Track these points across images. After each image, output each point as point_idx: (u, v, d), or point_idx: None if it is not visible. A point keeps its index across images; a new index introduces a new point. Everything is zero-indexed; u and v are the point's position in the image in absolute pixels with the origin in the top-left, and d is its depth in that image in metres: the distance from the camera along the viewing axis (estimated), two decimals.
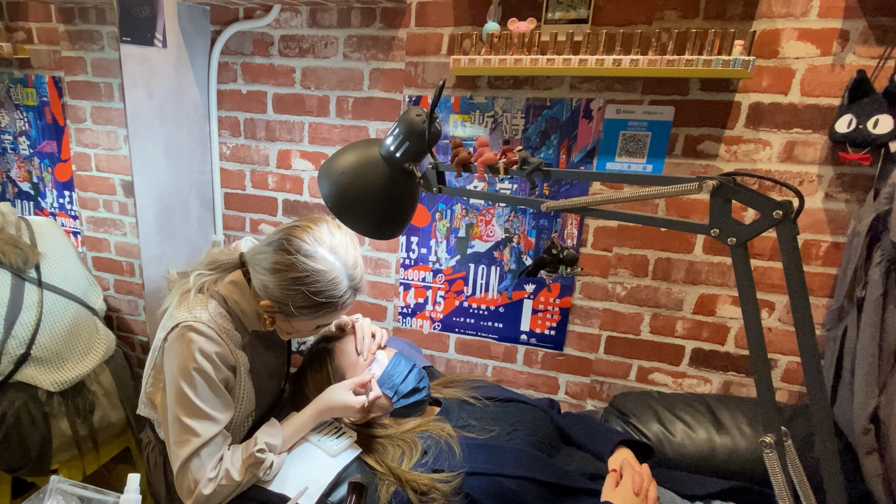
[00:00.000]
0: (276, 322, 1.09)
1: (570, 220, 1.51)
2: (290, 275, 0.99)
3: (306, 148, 1.71)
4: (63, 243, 1.66)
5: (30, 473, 1.55)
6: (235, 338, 1.08)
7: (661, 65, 1.19)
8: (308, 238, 1.01)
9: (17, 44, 1.92)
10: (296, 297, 1.00)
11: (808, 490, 0.65)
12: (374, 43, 1.55)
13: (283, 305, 1.02)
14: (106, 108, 1.90)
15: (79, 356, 1.56)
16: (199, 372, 1.00)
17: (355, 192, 0.87)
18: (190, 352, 0.99)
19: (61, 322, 1.53)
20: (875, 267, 1.13)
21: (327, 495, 1.03)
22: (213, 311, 1.05)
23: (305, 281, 0.99)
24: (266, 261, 1.02)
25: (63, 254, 1.63)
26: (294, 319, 1.05)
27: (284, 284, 1.00)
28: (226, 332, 1.05)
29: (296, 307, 1.01)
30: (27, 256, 1.49)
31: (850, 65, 1.22)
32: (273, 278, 1.01)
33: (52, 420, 1.50)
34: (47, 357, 1.49)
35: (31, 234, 1.57)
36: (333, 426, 1.16)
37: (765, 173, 1.34)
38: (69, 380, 1.52)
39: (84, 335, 1.60)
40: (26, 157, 2.05)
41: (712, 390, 1.51)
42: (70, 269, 1.63)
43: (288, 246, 1.00)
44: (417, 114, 0.83)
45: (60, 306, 1.54)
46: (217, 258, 1.15)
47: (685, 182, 0.63)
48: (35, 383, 1.46)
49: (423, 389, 1.21)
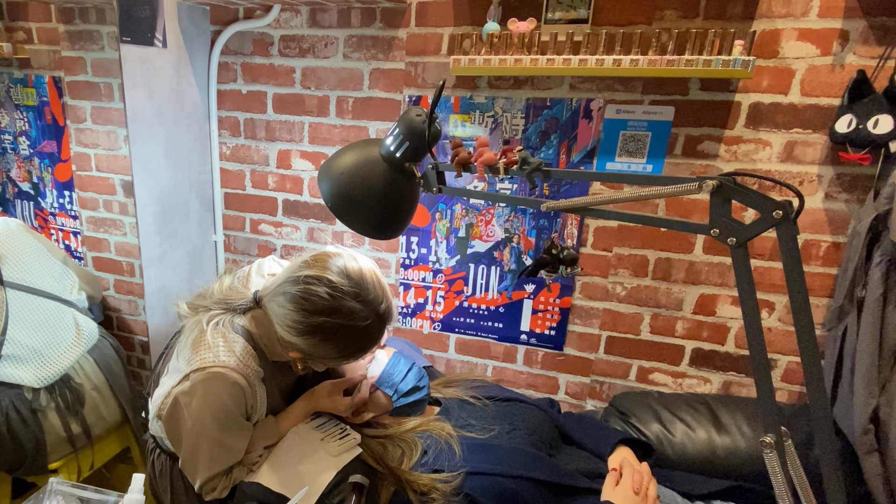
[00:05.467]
0: (308, 363, 1.07)
1: (570, 220, 1.51)
2: (316, 337, 0.96)
3: (306, 148, 1.71)
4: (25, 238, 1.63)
5: (28, 472, 1.55)
6: (259, 374, 1.05)
7: (661, 65, 1.19)
8: (326, 292, 0.94)
9: (17, 44, 1.92)
10: (327, 350, 0.99)
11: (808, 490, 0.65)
12: (374, 43, 1.55)
13: (315, 359, 1.02)
14: (106, 108, 1.90)
15: (58, 350, 1.55)
16: (225, 413, 0.99)
17: (355, 192, 0.87)
18: (219, 399, 0.97)
19: (31, 318, 1.52)
20: (875, 267, 1.13)
21: (327, 495, 1.03)
22: (241, 351, 1.01)
23: (334, 338, 0.97)
24: (287, 318, 0.97)
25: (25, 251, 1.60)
26: (326, 361, 1.05)
27: (313, 343, 0.97)
28: (254, 373, 1.03)
29: (328, 359, 1.01)
30: None
31: (850, 65, 1.22)
32: (299, 339, 0.97)
33: (41, 416, 1.50)
34: (24, 354, 1.48)
35: None
36: (338, 427, 1.16)
37: (765, 173, 1.34)
38: (52, 374, 1.51)
39: (60, 329, 1.58)
40: (26, 157, 2.05)
41: (712, 390, 1.51)
42: (35, 264, 1.60)
43: (309, 307, 0.95)
44: (417, 114, 0.83)
45: (28, 303, 1.53)
46: (229, 297, 1.09)
47: (685, 182, 0.63)
48: (18, 381, 1.46)
49: (422, 388, 1.21)
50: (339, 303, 0.95)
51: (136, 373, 2.13)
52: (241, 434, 1.05)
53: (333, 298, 0.94)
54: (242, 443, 1.05)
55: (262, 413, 1.11)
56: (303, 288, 0.96)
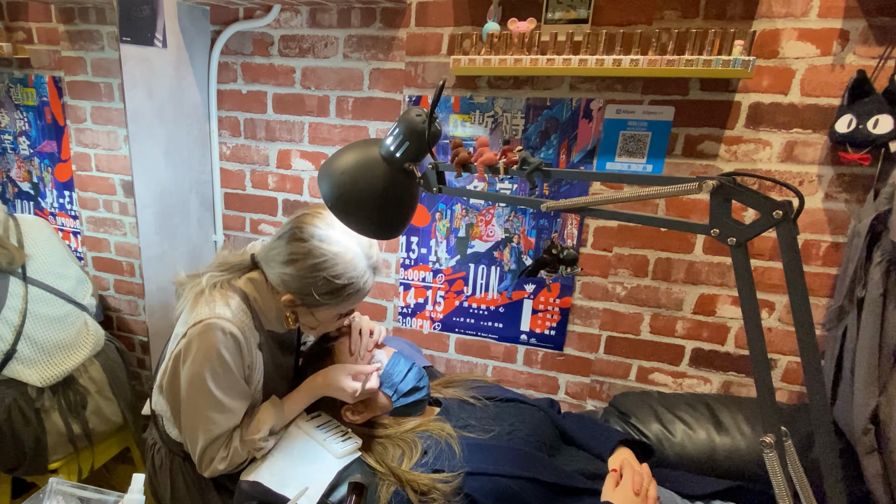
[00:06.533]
0: (300, 317, 1.09)
1: (570, 220, 1.51)
2: (308, 262, 0.99)
3: (306, 148, 1.71)
4: (52, 241, 1.66)
5: (27, 472, 1.55)
6: (255, 336, 1.08)
7: (661, 65, 1.19)
8: (320, 223, 1.01)
9: (17, 44, 1.92)
10: (317, 283, 1.00)
11: (808, 490, 0.65)
12: (374, 43, 1.55)
13: (305, 296, 1.02)
14: (106, 108, 1.90)
15: (66, 351, 1.56)
16: (223, 367, 1.00)
17: (355, 192, 0.87)
18: (214, 348, 0.99)
19: (47, 318, 1.54)
20: (875, 267, 1.13)
21: (327, 495, 1.03)
22: (236, 307, 1.04)
23: (324, 265, 0.99)
24: (281, 254, 1.02)
25: (51, 251, 1.63)
26: (317, 310, 1.05)
27: (304, 273, 1.00)
28: (249, 329, 1.06)
29: (319, 294, 1.00)
30: (12, 257, 1.49)
31: (850, 65, 1.22)
32: (291, 269, 1.01)
33: (44, 416, 1.51)
34: (34, 353, 1.49)
35: (19, 232, 1.57)
36: (340, 429, 1.16)
37: (765, 173, 1.34)
38: (56, 375, 1.52)
39: (72, 331, 1.60)
40: (26, 157, 2.05)
41: (712, 390, 1.51)
42: (58, 266, 1.63)
43: (301, 234, 1.00)
44: (417, 114, 0.83)
45: (46, 302, 1.55)
46: (228, 260, 1.14)
47: (685, 182, 0.63)
48: (22, 379, 1.47)
49: (422, 388, 1.21)
50: (329, 232, 1.01)
51: (136, 373, 2.13)
52: (239, 393, 1.05)
53: (325, 227, 1.01)
54: (240, 405, 1.05)
55: (259, 381, 1.11)
56: (297, 221, 1.03)
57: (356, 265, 1.02)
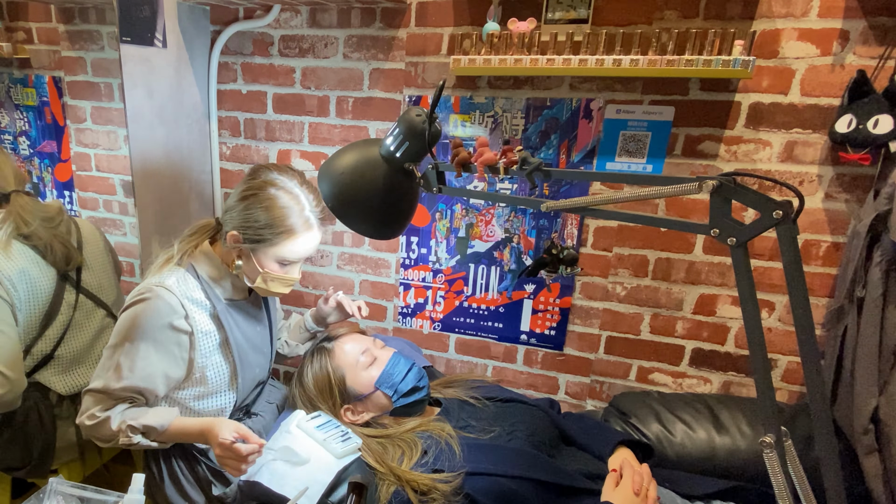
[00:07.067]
0: (244, 264, 1.11)
1: (570, 220, 1.51)
2: (253, 195, 1.06)
3: (306, 148, 1.71)
4: (104, 251, 1.64)
5: (28, 475, 1.55)
6: (205, 306, 1.12)
7: (661, 65, 1.19)
8: (275, 170, 1.10)
9: (17, 44, 1.92)
10: (258, 216, 1.04)
11: (808, 490, 0.65)
12: (374, 43, 1.55)
13: (246, 229, 1.06)
14: (106, 108, 1.90)
15: (94, 362, 1.55)
16: (142, 330, 1.05)
17: (355, 192, 0.87)
18: (146, 308, 1.05)
19: (88, 328, 1.52)
20: (875, 267, 1.13)
21: (327, 495, 1.03)
22: (180, 276, 1.10)
23: (266, 198, 1.05)
24: (235, 194, 1.09)
25: (102, 261, 1.60)
26: (257, 249, 1.08)
27: (249, 204, 1.05)
28: (189, 299, 1.09)
29: (258, 227, 1.04)
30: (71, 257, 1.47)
31: (850, 65, 1.22)
32: (239, 205, 1.07)
33: (59, 423, 1.50)
34: (67, 361, 1.48)
35: (80, 236, 1.54)
36: (340, 429, 1.16)
37: (765, 173, 1.34)
38: (81, 385, 1.50)
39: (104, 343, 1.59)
40: (26, 157, 2.05)
41: (712, 390, 1.51)
42: (106, 277, 1.61)
43: (255, 174, 1.09)
44: (417, 114, 0.83)
45: (90, 312, 1.53)
46: (197, 224, 1.21)
47: (685, 182, 0.63)
48: (48, 385, 1.46)
49: (422, 388, 1.21)
50: (281, 176, 1.09)
51: None
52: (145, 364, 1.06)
53: (278, 173, 1.10)
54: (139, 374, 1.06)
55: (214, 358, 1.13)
56: (254, 166, 1.13)
57: (296, 208, 1.07)
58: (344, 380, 1.21)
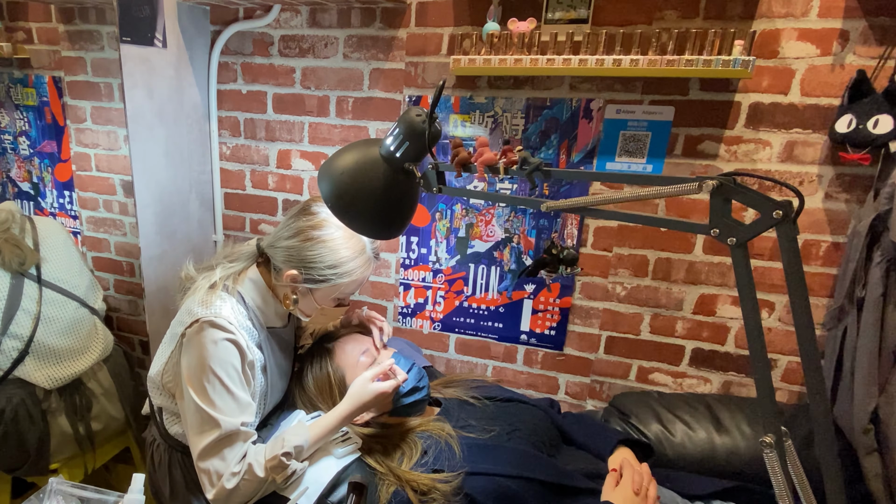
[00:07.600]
0: (300, 299, 1.10)
1: (570, 220, 1.51)
2: (314, 233, 1.04)
3: (306, 148, 1.71)
4: (66, 244, 1.67)
5: (28, 473, 1.55)
6: (253, 334, 1.10)
7: (661, 65, 1.19)
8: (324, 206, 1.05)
9: (17, 44, 1.92)
10: (322, 256, 1.03)
11: (808, 490, 0.65)
12: (374, 43, 1.55)
13: (309, 269, 1.04)
14: (106, 108, 1.90)
15: (75, 354, 1.57)
16: (220, 365, 1.00)
17: (355, 192, 0.87)
18: (210, 347, 1.00)
19: (60, 320, 1.54)
20: (875, 267, 1.13)
21: (327, 495, 1.03)
22: (233, 305, 1.07)
23: (329, 238, 1.04)
24: (289, 230, 1.07)
25: (65, 254, 1.63)
26: (318, 289, 1.07)
27: (310, 245, 1.04)
28: (244, 328, 1.07)
29: (322, 268, 1.03)
30: (25, 257, 1.49)
31: (850, 65, 1.22)
32: (298, 242, 1.04)
33: (50, 417, 1.51)
34: (45, 355, 1.49)
35: (35, 234, 1.57)
36: (340, 431, 1.16)
37: (765, 173, 1.34)
38: (65, 377, 1.52)
39: (82, 334, 1.60)
40: (26, 157, 2.05)
41: (712, 390, 1.51)
42: (71, 269, 1.63)
43: (311, 209, 1.07)
44: (417, 114, 0.83)
45: (60, 304, 1.55)
46: (235, 249, 1.19)
47: (685, 182, 0.63)
48: (31, 380, 1.47)
49: (422, 388, 1.21)
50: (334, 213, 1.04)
51: (137, 373, 2.13)
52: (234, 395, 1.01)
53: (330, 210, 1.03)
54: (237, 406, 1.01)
55: (261, 380, 1.11)
56: (306, 202, 1.10)
57: (360, 245, 1.07)
58: (344, 380, 1.21)
